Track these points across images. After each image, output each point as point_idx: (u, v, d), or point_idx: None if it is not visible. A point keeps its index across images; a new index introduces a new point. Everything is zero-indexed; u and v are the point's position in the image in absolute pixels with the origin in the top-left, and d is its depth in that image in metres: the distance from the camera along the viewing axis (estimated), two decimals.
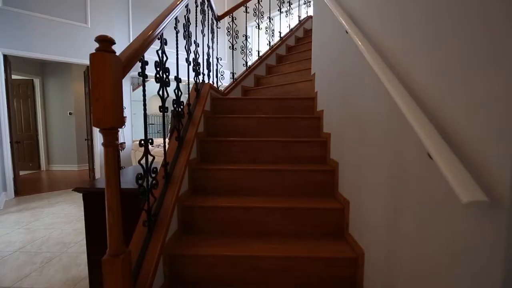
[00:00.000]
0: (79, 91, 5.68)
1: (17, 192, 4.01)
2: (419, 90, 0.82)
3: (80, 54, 4.27)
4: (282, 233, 1.46)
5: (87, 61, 4.54)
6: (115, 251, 0.88)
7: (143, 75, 1.12)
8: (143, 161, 1.12)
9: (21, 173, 5.36)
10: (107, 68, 0.82)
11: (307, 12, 4.43)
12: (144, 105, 1.16)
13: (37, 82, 5.84)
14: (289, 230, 1.47)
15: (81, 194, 1.47)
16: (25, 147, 5.84)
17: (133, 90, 5.66)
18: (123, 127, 4.34)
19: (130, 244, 1.13)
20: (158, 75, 1.27)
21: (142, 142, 1.11)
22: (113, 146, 0.86)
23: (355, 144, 1.35)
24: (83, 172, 5.73)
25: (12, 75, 5.20)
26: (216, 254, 1.27)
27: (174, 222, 1.39)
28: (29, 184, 4.73)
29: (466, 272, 0.62)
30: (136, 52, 1.01)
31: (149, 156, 1.19)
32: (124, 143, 4.55)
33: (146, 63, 1.13)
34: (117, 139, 0.89)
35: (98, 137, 4.71)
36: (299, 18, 4.18)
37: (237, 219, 1.48)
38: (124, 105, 4.90)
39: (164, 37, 1.32)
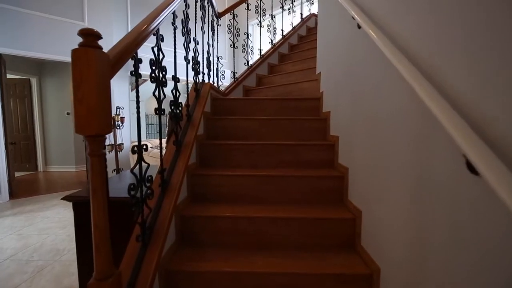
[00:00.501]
0: None
1: (12, 195, 3.90)
2: (445, 80, 0.72)
3: None
4: (288, 245, 1.35)
5: None
6: (102, 274, 0.77)
7: (136, 74, 1.01)
8: (136, 170, 1.02)
9: (18, 174, 5.27)
10: (92, 66, 0.71)
11: (309, 10, 4.32)
12: (138, 107, 1.05)
13: (34, 81, 5.73)
14: (295, 242, 1.36)
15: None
16: (22, 148, 5.74)
17: (132, 89, 5.55)
18: (121, 127, 4.19)
19: (123, 261, 1.02)
20: (153, 74, 1.16)
21: (135, 148, 1.00)
22: (99, 156, 0.75)
23: (368, 148, 1.24)
24: (81, 173, 5.62)
25: (9, 75, 5.10)
26: (216, 270, 1.16)
27: (171, 233, 1.28)
28: (25, 186, 4.63)
29: None
30: (127, 48, 0.91)
31: (144, 163, 1.09)
32: (122, 144, 4.43)
33: (140, 61, 1.03)
34: (104, 147, 0.78)
35: None
36: (301, 16, 4.06)
37: (238, 229, 1.37)
38: (122, 105, 4.83)
39: (160, 33, 1.22)
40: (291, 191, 1.58)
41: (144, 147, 1.08)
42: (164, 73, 1.26)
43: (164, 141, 1.72)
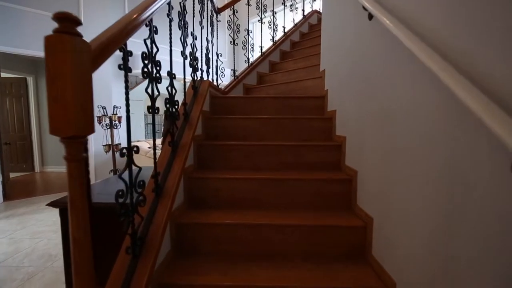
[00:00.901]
0: None
1: (6, 196, 3.80)
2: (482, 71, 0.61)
3: None
4: (292, 256, 1.25)
5: None
6: None
7: (125, 68, 0.91)
8: (125, 175, 0.91)
9: (14, 175, 5.17)
10: (68, 56, 0.61)
11: (312, 6, 4.21)
12: (127, 105, 0.95)
13: (30, 80, 5.62)
14: (300, 251, 1.26)
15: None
16: (18, 148, 5.64)
17: (131, 89, 5.43)
18: (119, 127, 4.07)
19: (111, 274, 0.92)
20: (146, 69, 1.06)
21: (124, 151, 0.90)
22: (77, 160, 0.65)
23: (380, 148, 1.14)
24: None
25: (4, 74, 5.00)
26: (214, 284, 1.06)
27: (166, 242, 1.18)
28: (21, 187, 4.52)
29: None
30: (114, 38, 0.80)
31: (135, 166, 0.99)
32: (120, 144, 4.33)
33: (130, 53, 0.93)
34: (85, 150, 0.68)
35: (92, 138, 4.50)
36: (303, 12, 3.96)
37: (239, 238, 1.27)
38: (120, 104, 4.72)
39: (154, 24, 1.12)
40: (294, 195, 1.47)
41: (135, 149, 0.98)
42: (158, 68, 1.16)
43: (160, 141, 1.62)
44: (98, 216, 1.17)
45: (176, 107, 1.42)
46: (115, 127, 4.24)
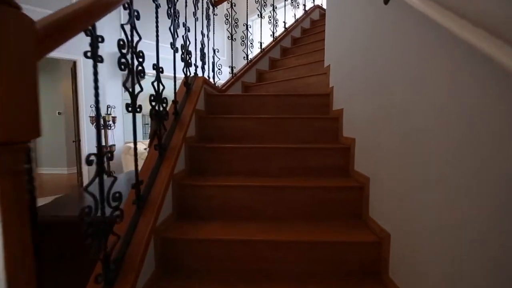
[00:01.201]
0: (69, 89, 5.29)
1: None
2: None
3: (70, 49, 3.87)
4: (296, 277, 1.07)
5: (75, 56, 4.17)
6: None
7: (93, 56, 0.74)
8: (94, 188, 0.75)
9: None
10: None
11: (313, 1, 4.04)
12: (97, 102, 0.78)
13: None
14: (305, 272, 1.09)
15: None
16: None
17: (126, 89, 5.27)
18: (112, 127, 3.89)
19: None
20: (124, 59, 0.89)
21: (91, 158, 0.73)
22: (13, 174, 0.48)
23: (399, 152, 0.97)
24: (73, 176, 5.34)
25: None
26: None
27: (149, 260, 1.02)
28: None
29: None
30: (74, 17, 0.64)
31: (110, 176, 0.83)
32: (114, 145, 4.17)
33: (101, 39, 0.76)
34: (28, 160, 0.52)
35: (86, 138, 4.35)
36: (304, 8, 3.79)
37: (234, 255, 1.10)
38: (114, 104, 4.56)
39: (136, 9, 0.96)
40: (296, 204, 1.31)
41: (109, 155, 0.82)
42: (141, 59, 1.00)
43: (146, 144, 1.46)
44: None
45: (165, 105, 1.26)
46: (109, 127, 4.09)
